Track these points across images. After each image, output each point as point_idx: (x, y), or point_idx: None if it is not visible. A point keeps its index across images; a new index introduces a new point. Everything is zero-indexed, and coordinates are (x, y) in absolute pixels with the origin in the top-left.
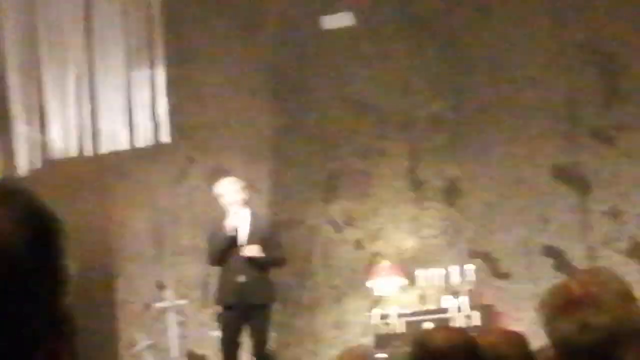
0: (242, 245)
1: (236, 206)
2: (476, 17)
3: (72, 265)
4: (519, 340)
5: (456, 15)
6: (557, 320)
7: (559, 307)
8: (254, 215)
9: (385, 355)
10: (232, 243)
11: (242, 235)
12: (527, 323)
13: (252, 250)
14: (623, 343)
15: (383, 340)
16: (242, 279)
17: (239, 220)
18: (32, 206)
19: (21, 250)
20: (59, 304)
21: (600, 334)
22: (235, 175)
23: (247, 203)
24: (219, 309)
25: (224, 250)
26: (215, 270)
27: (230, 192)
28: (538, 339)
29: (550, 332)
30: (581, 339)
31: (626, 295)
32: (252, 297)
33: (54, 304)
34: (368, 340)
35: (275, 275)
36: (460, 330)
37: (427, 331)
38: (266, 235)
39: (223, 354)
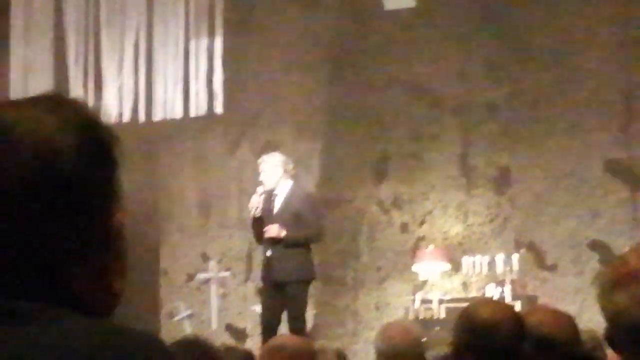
0: (265, 224)
1: (273, 181)
2: (537, 6)
3: (125, 182)
4: (566, 320)
5: (516, 3)
6: (612, 294)
7: (615, 280)
8: (293, 190)
9: (423, 340)
10: (256, 222)
11: (273, 210)
12: None
13: (272, 231)
14: None
15: (423, 325)
16: (269, 254)
17: (265, 196)
18: (84, 117)
19: (70, 159)
20: (111, 218)
21: None
22: (285, 151)
23: (290, 178)
24: (259, 283)
25: (253, 229)
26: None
27: (267, 167)
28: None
29: (605, 305)
30: (636, 313)
31: None
32: (281, 273)
33: (105, 217)
34: None
35: (319, 253)
36: (507, 305)
37: (475, 304)
38: (302, 210)
39: (262, 328)
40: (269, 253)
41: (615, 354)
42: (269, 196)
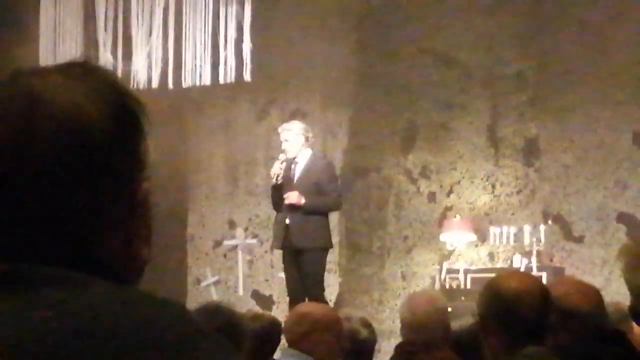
0: (285, 191)
1: (295, 150)
2: None
3: (152, 148)
4: (592, 293)
5: None
6: (637, 269)
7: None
8: (313, 159)
9: (449, 309)
10: (275, 189)
11: (294, 178)
12: (597, 288)
13: (292, 198)
14: None
15: (448, 295)
16: (287, 221)
17: (285, 164)
18: (112, 85)
19: (99, 126)
20: (138, 186)
21: None
22: (313, 119)
23: (310, 146)
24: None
25: (273, 197)
26: None
27: (289, 135)
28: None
29: (629, 279)
30: None
31: None
32: (298, 240)
33: (133, 185)
34: None
35: (346, 221)
36: (533, 276)
37: (500, 275)
38: (322, 179)
39: (289, 295)
40: (288, 220)
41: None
42: (290, 164)
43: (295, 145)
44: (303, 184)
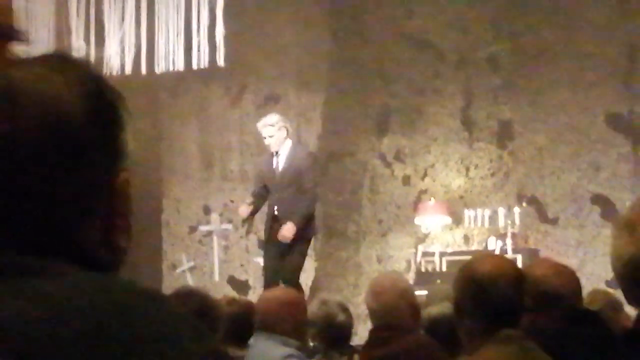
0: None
1: (279, 144)
2: None
3: (129, 142)
4: (568, 275)
5: None
6: (620, 238)
7: (623, 225)
8: (294, 149)
9: (425, 292)
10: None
11: (275, 171)
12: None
13: (285, 236)
14: None
15: (424, 278)
16: (277, 212)
17: (269, 157)
18: (90, 76)
19: (78, 117)
20: (116, 178)
21: None
22: (287, 104)
23: (290, 137)
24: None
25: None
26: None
27: (272, 130)
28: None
29: (614, 249)
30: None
31: None
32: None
33: (111, 175)
34: (409, 277)
35: (322, 206)
36: (507, 259)
37: (475, 258)
38: (304, 168)
39: (265, 281)
40: (276, 212)
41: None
42: (271, 158)
43: (279, 139)
44: (287, 175)
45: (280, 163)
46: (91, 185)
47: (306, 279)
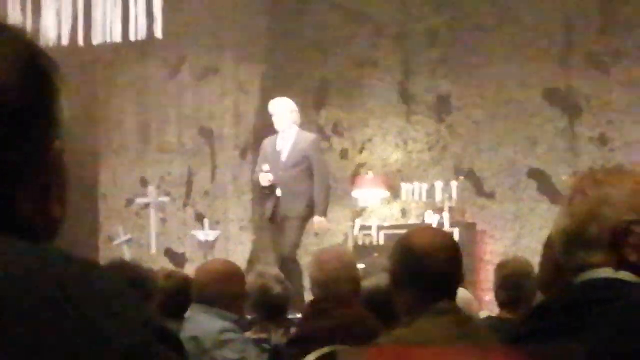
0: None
1: (285, 125)
2: None
3: (66, 110)
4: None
5: None
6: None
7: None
8: (299, 134)
9: (362, 266)
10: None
11: (280, 153)
12: (509, 243)
13: (322, 229)
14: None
15: (361, 252)
16: (279, 193)
17: (270, 141)
18: (25, 44)
19: (14, 85)
20: (51, 147)
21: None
22: (225, 77)
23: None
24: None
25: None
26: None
27: (281, 111)
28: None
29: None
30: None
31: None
32: (289, 209)
33: (46, 144)
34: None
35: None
36: (444, 232)
37: (411, 231)
38: (311, 154)
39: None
40: (279, 193)
41: None
42: (275, 139)
43: (286, 121)
44: (292, 158)
45: (285, 144)
46: (26, 154)
47: (243, 252)
